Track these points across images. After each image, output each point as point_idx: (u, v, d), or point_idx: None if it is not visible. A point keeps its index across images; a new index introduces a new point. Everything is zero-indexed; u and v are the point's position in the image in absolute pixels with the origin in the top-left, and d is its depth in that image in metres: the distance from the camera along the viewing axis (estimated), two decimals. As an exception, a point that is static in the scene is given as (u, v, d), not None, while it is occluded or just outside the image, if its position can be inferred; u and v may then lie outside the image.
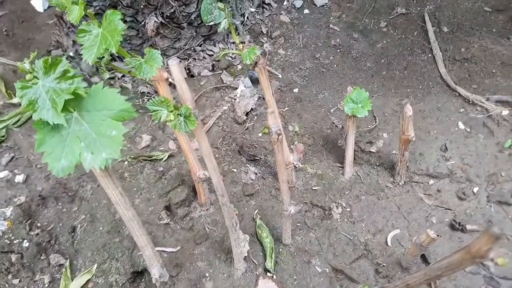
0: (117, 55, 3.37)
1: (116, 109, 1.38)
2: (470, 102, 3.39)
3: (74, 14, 1.56)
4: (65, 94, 1.29)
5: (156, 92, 3.41)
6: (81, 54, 1.54)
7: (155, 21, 3.33)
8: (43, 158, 1.37)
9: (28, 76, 1.30)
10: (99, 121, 1.38)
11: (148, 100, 2.39)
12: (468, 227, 2.66)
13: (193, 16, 3.52)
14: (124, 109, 1.38)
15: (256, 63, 2.21)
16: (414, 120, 2.60)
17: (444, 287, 2.45)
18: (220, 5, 2.08)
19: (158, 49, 3.57)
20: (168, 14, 3.40)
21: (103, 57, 1.73)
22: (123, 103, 1.38)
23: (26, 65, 1.29)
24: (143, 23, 3.37)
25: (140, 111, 3.31)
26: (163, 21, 3.41)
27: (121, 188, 1.74)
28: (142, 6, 3.28)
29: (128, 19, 3.33)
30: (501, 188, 2.85)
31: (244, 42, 3.81)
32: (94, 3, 3.22)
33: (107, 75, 2.14)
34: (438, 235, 2.25)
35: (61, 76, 1.31)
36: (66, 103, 1.30)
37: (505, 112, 3.24)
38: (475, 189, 2.87)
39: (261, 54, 2.06)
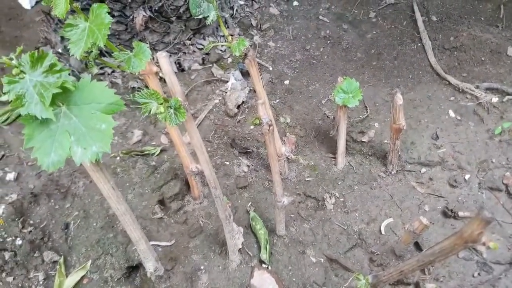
0: (105, 50, 3.34)
1: (105, 102, 1.37)
2: (460, 90, 3.41)
3: (60, 8, 1.54)
4: (52, 88, 1.28)
5: (146, 87, 3.39)
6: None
7: (143, 15, 3.31)
8: (32, 153, 1.36)
9: (14, 71, 1.28)
10: (88, 114, 1.37)
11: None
12: (461, 214, 2.68)
13: (181, 10, 3.50)
14: (113, 102, 1.37)
15: (245, 55, 2.20)
16: (405, 109, 2.61)
17: (437, 274, 2.46)
18: (209, -3, 2.07)
19: (147, 43, 3.55)
20: (157, 8, 3.37)
21: (92, 51, 1.71)
22: (112, 96, 1.37)
23: (13, 60, 1.28)
24: (131, 17, 3.35)
25: (131, 106, 3.30)
26: (151, 15, 3.39)
27: (113, 182, 1.74)
28: (130, 0, 3.25)
29: (116, 13, 3.30)
30: (492, 174, 2.87)
31: (233, 35, 3.80)
32: (81, -2, 3.19)
33: (95, 69, 2.13)
34: (431, 223, 2.26)
35: (48, 69, 1.29)
36: (54, 97, 1.29)
37: (495, 99, 3.26)
38: (467, 176, 2.89)
39: (250, 46, 2.05)
